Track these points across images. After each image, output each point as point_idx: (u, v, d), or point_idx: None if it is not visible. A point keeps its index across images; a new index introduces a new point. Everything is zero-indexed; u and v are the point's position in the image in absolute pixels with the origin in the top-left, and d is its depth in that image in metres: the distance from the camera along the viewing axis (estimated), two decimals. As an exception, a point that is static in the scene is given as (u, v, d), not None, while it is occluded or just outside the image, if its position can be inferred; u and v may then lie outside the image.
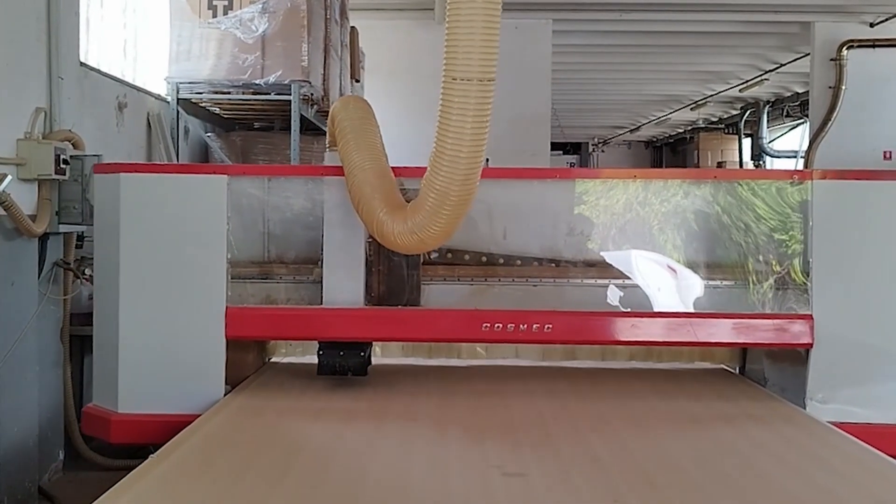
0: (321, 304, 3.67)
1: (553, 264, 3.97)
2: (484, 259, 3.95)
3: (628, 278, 3.78)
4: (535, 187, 3.99)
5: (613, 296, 3.77)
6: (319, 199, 3.80)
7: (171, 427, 3.21)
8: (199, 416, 3.28)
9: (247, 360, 3.92)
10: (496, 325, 3.47)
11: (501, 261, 3.96)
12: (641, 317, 3.54)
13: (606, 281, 3.86)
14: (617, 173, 3.71)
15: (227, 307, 3.52)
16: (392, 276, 3.84)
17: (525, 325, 3.46)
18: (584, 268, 3.91)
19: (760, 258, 3.67)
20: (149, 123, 6.43)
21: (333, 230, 3.69)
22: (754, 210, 3.65)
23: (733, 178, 3.91)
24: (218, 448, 2.97)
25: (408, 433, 3.11)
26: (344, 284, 3.67)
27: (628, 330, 3.48)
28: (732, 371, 4.10)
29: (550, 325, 3.46)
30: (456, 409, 3.39)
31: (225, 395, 3.52)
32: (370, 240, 3.75)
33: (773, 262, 3.69)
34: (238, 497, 2.52)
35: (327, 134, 3.81)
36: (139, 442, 3.53)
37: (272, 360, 4.25)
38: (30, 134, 4.50)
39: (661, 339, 3.53)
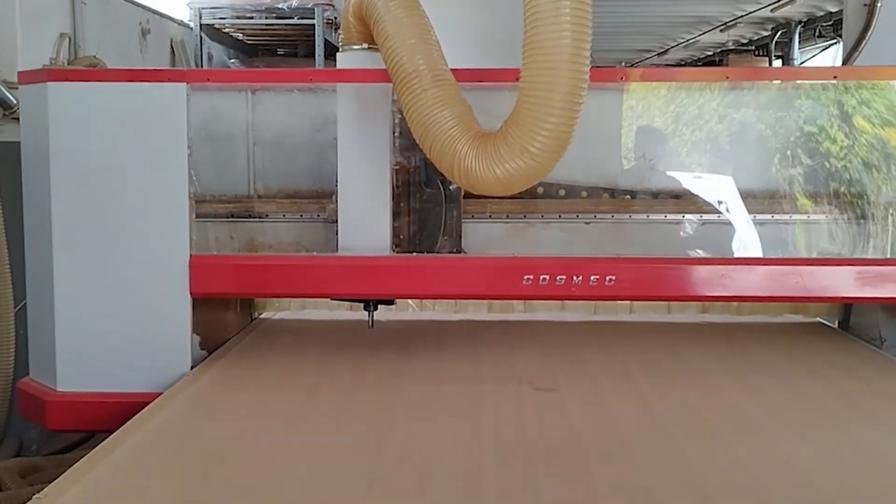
0: (336, 250, 2.76)
1: (609, 194, 3.05)
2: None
3: (711, 212, 2.85)
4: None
5: (692, 236, 2.86)
6: (327, 113, 2.88)
7: (124, 410, 2.34)
8: (159, 394, 2.42)
9: (226, 319, 3.02)
10: (542, 278, 2.55)
11: (541, 190, 3.04)
12: (734, 265, 2.60)
13: (680, 217, 2.95)
14: (700, 73, 2.75)
15: (191, 256, 2.62)
16: (426, 214, 2.92)
17: (580, 278, 2.54)
18: (651, 200, 2.99)
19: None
20: (172, 50, 6.35)
21: (351, 155, 2.73)
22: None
23: (872, 77, 2.86)
24: (179, 438, 2.13)
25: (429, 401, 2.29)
26: (364, 226, 2.75)
27: (717, 282, 2.54)
28: (831, 326, 3.18)
29: (613, 277, 2.54)
30: (485, 371, 2.52)
31: (195, 365, 2.65)
32: (397, 167, 2.82)
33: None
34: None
35: (342, 29, 2.82)
36: (83, 428, 2.68)
37: (261, 315, 3.38)
38: (55, 60, 4.45)
39: (760, 294, 2.58)
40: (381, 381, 2.53)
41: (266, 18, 6.68)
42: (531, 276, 2.55)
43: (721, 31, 16.83)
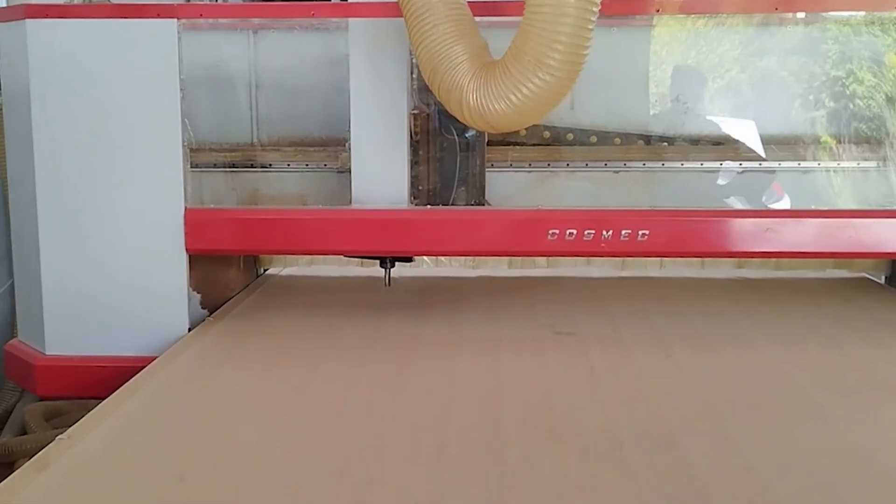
0: (350, 203, 2.50)
1: (644, 141, 2.79)
2: (546, 135, 2.78)
3: (753, 160, 2.60)
4: (615, 34, 2.77)
5: (731, 186, 2.61)
6: (338, 52, 2.63)
7: (117, 375, 2.13)
8: (154, 358, 2.22)
9: (228, 276, 2.81)
10: (568, 232, 2.32)
11: (571, 136, 2.79)
12: (781, 217, 2.35)
13: (718, 164, 2.69)
14: (747, 4, 2.48)
15: (186, 209, 2.40)
16: (446, 163, 2.68)
17: (609, 232, 2.31)
18: (686, 146, 2.74)
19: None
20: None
21: (364, 98, 2.46)
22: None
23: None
24: (175, 402, 1.94)
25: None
26: (379, 176, 2.49)
27: (762, 237, 2.30)
28: (878, 282, 2.93)
29: (646, 232, 2.30)
30: (506, 334, 2.30)
31: (193, 327, 2.45)
32: (415, 111, 2.57)
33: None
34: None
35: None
36: (74, 395, 2.48)
37: (267, 271, 3.16)
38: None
39: (809, 249, 2.33)
40: (397, 341, 2.32)
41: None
42: (556, 231, 2.31)
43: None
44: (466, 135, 2.64)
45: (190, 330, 2.43)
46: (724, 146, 2.70)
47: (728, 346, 2.25)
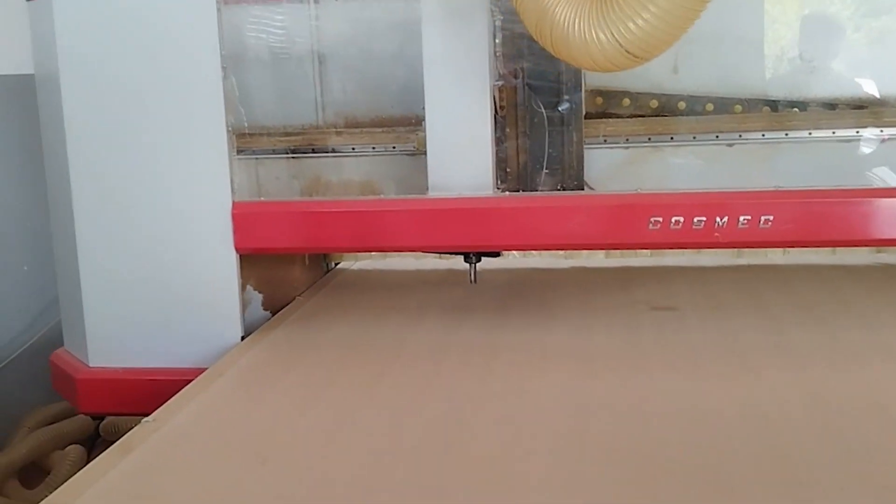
0: (427, 191, 2.17)
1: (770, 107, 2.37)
2: (654, 105, 2.39)
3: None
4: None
5: (872, 158, 2.18)
6: (409, 17, 2.30)
7: (164, 388, 1.88)
8: (204, 370, 1.96)
9: (292, 273, 2.53)
10: (674, 220, 1.94)
11: (683, 105, 2.39)
12: (941, 197, 1.92)
13: (854, 132, 2.26)
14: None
15: (233, 204, 2.12)
16: (537, 141, 2.32)
17: (724, 219, 1.92)
18: (819, 112, 2.31)
19: None
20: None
21: (440, 70, 2.11)
22: None
23: None
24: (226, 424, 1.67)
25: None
26: (459, 159, 2.14)
27: (917, 222, 1.88)
28: None
29: (770, 217, 1.91)
30: (603, 345, 1.94)
31: (250, 332, 2.17)
32: (499, 82, 2.23)
33: None
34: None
35: None
36: (117, 411, 2.25)
37: (338, 265, 2.87)
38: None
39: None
40: (478, 348, 1.99)
41: None
42: (660, 218, 1.93)
43: None
44: (560, 108, 2.28)
45: (244, 338, 2.15)
46: (864, 110, 2.27)
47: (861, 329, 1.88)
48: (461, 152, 2.14)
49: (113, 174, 2.10)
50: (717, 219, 1.91)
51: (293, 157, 2.52)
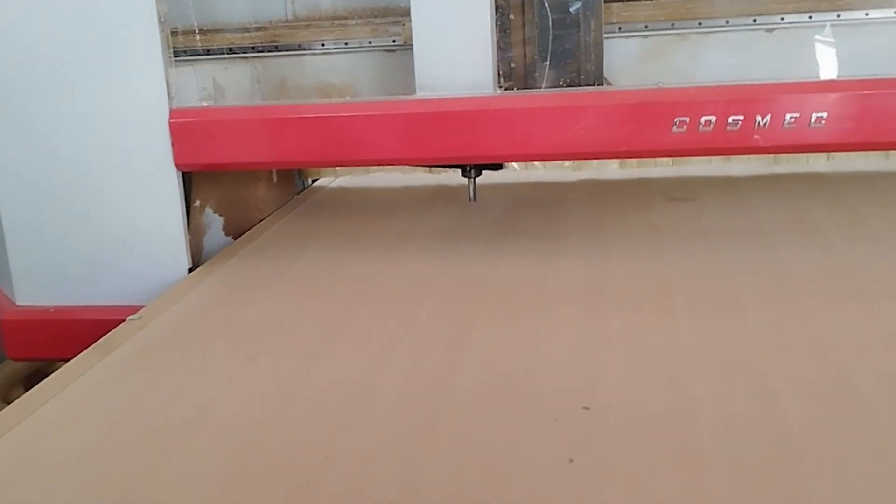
0: (415, 92, 1.79)
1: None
2: None
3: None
4: None
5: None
6: None
7: (102, 329, 1.56)
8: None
9: (256, 193, 2.18)
10: (703, 120, 1.57)
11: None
12: None
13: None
14: None
15: (171, 112, 1.76)
16: (546, 29, 1.93)
17: (766, 118, 1.55)
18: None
19: None
20: None
21: None
22: None
23: None
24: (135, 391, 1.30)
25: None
26: (451, 50, 1.73)
27: None
28: None
29: (824, 115, 1.53)
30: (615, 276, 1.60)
31: (199, 265, 1.84)
32: None
33: None
34: None
35: None
36: (48, 356, 1.93)
37: (316, 182, 2.51)
38: None
39: None
40: (470, 285, 1.65)
41: None
42: (686, 119, 1.57)
43: None
44: (571, 8, 1.89)
45: (192, 270, 1.82)
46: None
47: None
48: (455, 44, 1.75)
49: (28, 84, 1.74)
50: (758, 117, 1.54)
51: (253, 57, 2.15)
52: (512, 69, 1.95)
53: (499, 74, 1.85)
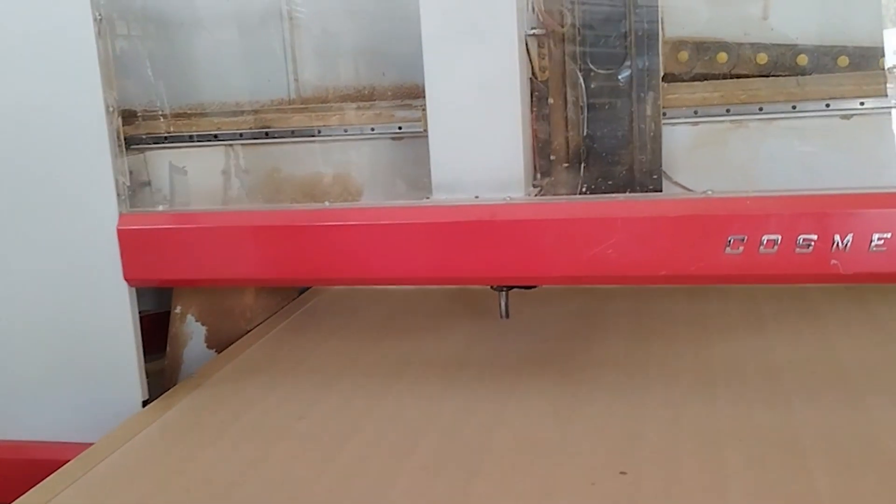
0: (431, 195, 1.50)
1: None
2: (763, 60, 1.64)
3: None
4: None
5: None
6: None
7: (39, 470, 1.28)
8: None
9: (243, 301, 1.88)
10: (765, 240, 1.24)
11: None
12: None
13: None
14: None
15: (120, 218, 1.48)
16: (597, 117, 1.61)
17: (847, 238, 1.21)
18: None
19: None
20: None
21: (440, 20, 1.44)
22: None
23: None
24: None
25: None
26: (475, 144, 1.45)
27: None
28: None
29: (922, 236, 1.19)
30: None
31: (182, 377, 1.55)
32: (535, 30, 1.55)
33: None
34: None
35: None
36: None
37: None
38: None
39: None
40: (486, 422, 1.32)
41: None
42: (742, 237, 1.23)
43: None
44: (620, 76, 1.58)
45: (147, 403, 1.52)
46: None
47: None
48: (478, 135, 1.46)
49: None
50: (836, 237, 1.20)
51: (242, 144, 1.87)
52: (551, 162, 1.64)
53: (535, 170, 1.55)
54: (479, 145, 1.45)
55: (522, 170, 1.45)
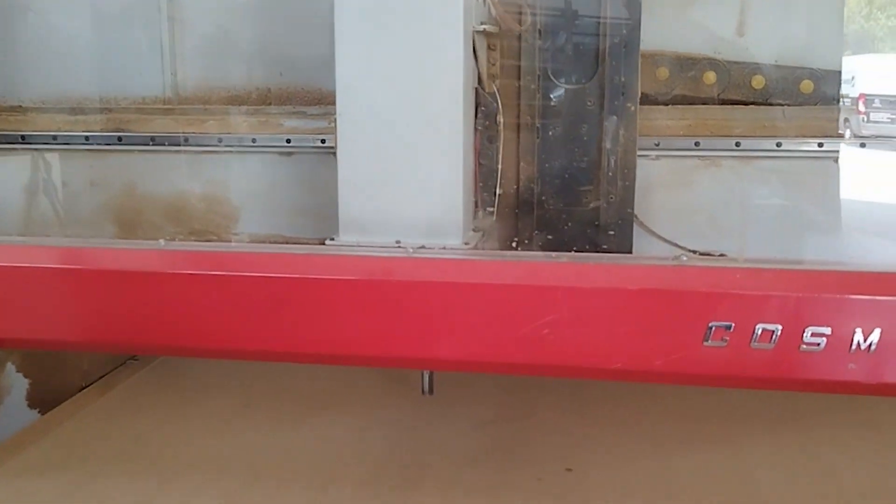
0: (336, 235, 1.12)
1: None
2: (760, 84, 1.31)
3: None
4: None
5: None
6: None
7: None
8: None
9: (78, 357, 1.48)
10: (759, 330, 0.91)
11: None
12: None
13: None
14: None
15: None
16: (553, 146, 1.27)
17: (872, 335, 0.89)
18: None
19: None
20: None
21: (353, 21, 1.09)
22: None
23: None
24: None
25: None
26: (399, 171, 1.10)
27: None
28: None
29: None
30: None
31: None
32: (485, 26, 1.18)
33: None
34: None
35: None
36: None
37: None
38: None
39: None
40: None
41: None
42: (728, 325, 0.90)
43: None
44: (603, 85, 1.23)
45: None
46: None
47: None
48: (406, 156, 1.09)
49: None
50: (858, 333, 0.86)
51: (48, 151, 1.46)
52: (498, 197, 1.27)
53: (476, 206, 1.20)
54: (406, 171, 1.09)
55: (461, 207, 1.09)
